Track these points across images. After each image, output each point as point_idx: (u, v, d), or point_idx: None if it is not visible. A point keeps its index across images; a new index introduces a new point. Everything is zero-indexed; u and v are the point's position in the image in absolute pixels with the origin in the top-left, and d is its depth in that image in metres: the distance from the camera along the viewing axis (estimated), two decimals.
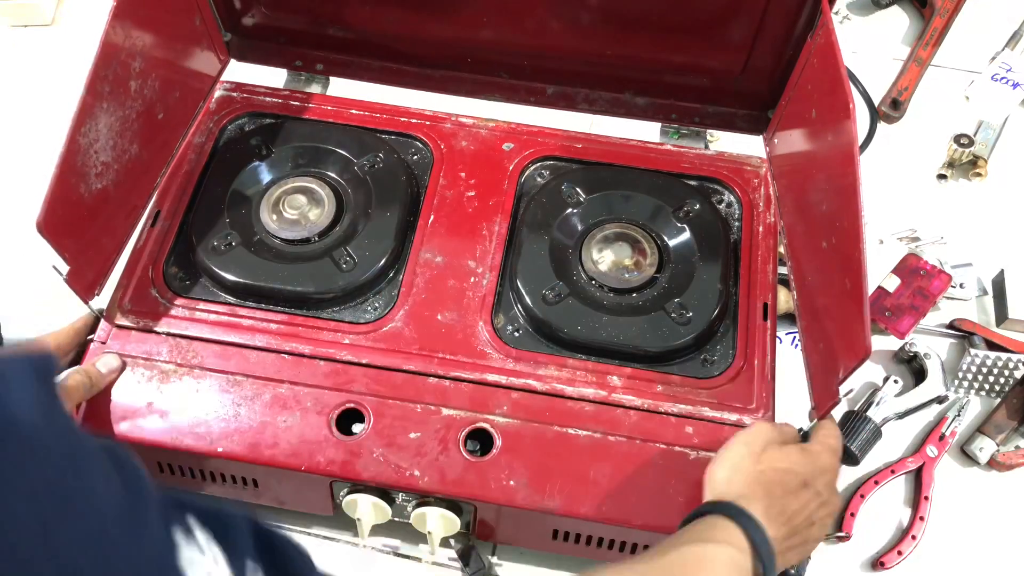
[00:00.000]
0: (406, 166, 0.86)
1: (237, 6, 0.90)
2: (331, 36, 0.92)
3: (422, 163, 0.88)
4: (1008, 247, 0.98)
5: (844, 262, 0.66)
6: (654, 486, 0.71)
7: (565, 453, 0.72)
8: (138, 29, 0.75)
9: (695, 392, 0.75)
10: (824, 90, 0.74)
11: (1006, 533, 0.83)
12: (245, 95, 0.91)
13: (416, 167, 0.87)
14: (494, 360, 0.76)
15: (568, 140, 0.89)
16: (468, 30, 0.88)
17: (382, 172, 0.85)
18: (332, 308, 0.78)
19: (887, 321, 0.87)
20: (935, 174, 1.04)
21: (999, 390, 0.88)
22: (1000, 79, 1.07)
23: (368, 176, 0.85)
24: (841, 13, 1.18)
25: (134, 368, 0.75)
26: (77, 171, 0.70)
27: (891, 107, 1.08)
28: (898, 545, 0.81)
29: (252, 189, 0.84)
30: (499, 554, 0.80)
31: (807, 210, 0.76)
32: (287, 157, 0.86)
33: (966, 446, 0.86)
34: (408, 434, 0.73)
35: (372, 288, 0.79)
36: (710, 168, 0.88)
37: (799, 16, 0.80)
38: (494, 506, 0.71)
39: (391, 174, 0.85)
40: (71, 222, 0.70)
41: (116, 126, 0.74)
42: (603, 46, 0.87)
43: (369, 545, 0.80)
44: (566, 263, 0.81)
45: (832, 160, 0.71)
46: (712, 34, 0.84)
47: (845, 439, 0.83)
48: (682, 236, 0.83)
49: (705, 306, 0.78)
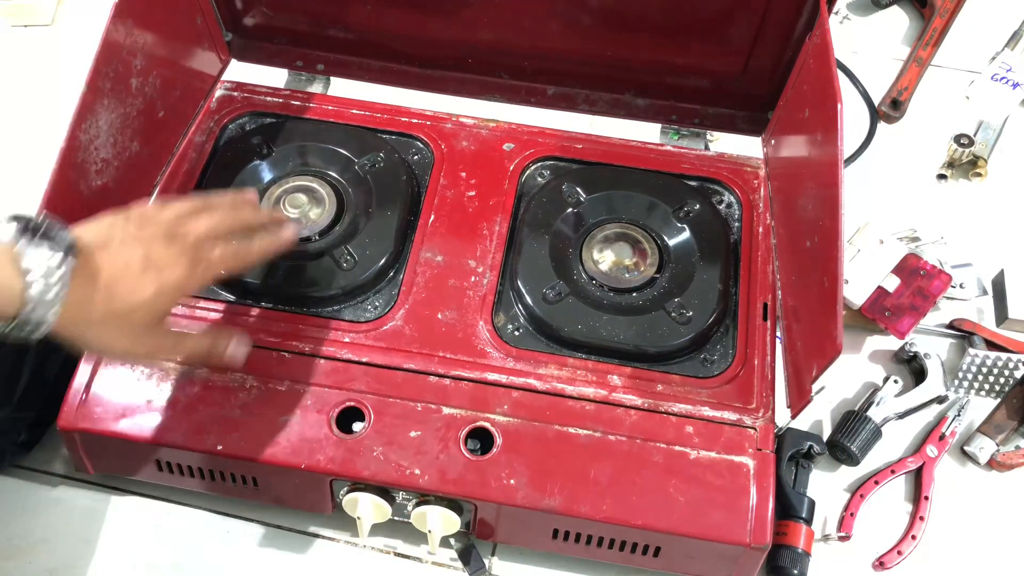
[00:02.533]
0: (407, 166, 0.86)
1: (238, 6, 0.90)
2: (332, 36, 0.92)
3: (423, 163, 0.88)
4: (1008, 247, 0.98)
5: (823, 261, 0.67)
6: (654, 486, 0.71)
7: (565, 452, 0.72)
8: (139, 27, 0.75)
9: (695, 392, 0.75)
10: (817, 90, 0.74)
11: (1006, 533, 0.82)
12: (246, 95, 0.91)
13: (417, 167, 0.87)
14: (494, 359, 0.76)
15: (568, 140, 0.89)
16: (469, 31, 0.88)
17: (383, 172, 0.85)
18: (332, 307, 0.78)
19: (887, 321, 0.87)
20: (935, 174, 1.05)
21: (999, 390, 0.88)
22: (1000, 79, 1.07)
23: (369, 176, 0.85)
24: (841, 13, 1.18)
25: (133, 366, 0.75)
26: (77, 167, 0.70)
27: (891, 107, 1.09)
28: (898, 545, 0.81)
29: (253, 188, 0.84)
30: (499, 554, 0.80)
31: (796, 210, 0.77)
32: (288, 156, 0.86)
33: (966, 446, 0.86)
34: (408, 433, 0.73)
35: (372, 287, 0.79)
36: (710, 169, 0.88)
37: (799, 17, 0.80)
38: (494, 505, 0.71)
39: (392, 174, 0.85)
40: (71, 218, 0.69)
41: (117, 123, 0.74)
42: (603, 47, 0.88)
43: (369, 544, 0.80)
44: (566, 263, 0.81)
45: (819, 157, 0.71)
46: (712, 35, 0.84)
47: (845, 439, 0.83)
48: (682, 236, 0.83)
49: (705, 306, 0.78)
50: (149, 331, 0.60)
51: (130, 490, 0.82)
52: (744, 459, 0.72)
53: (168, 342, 0.64)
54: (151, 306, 0.59)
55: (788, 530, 0.77)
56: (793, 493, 0.79)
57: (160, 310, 0.60)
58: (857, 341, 0.92)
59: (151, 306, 0.59)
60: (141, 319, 0.59)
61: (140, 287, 0.58)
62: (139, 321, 0.59)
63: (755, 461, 0.72)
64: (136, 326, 0.59)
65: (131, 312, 0.58)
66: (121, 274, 0.58)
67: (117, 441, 0.73)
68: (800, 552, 0.77)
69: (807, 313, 0.70)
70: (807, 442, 0.80)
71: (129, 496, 0.81)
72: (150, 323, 0.60)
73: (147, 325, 0.60)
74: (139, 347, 0.61)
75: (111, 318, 0.58)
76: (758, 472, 0.71)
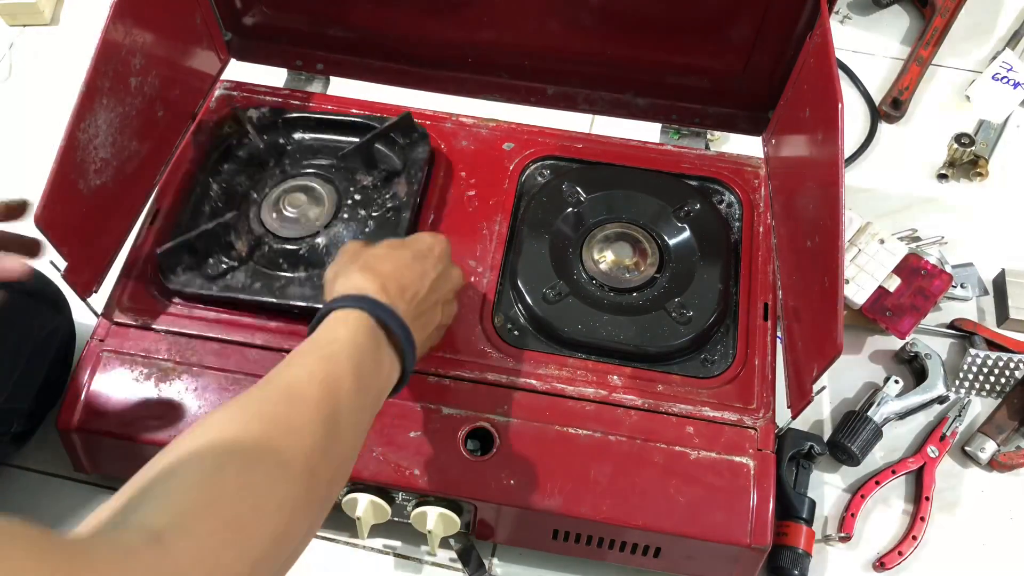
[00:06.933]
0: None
1: (238, 5, 0.90)
2: (331, 36, 0.92)
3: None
4: (1008, 247, 0.98)
5: (824, 261, 0.66)
6: (654, 486, 0.71)
7: (565, 453, 0.72)
8: (138, 27, 0.75)
9: (695, 392, 0.75)
10: (817, 89, 0.74)
11: (1007, 533, 0.82)
12: (245, 94, 0.91)
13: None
14: (494, 359, 0.76)
15: (568, 140, 0.89)
16: (469, 30, 0.88)
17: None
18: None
19: (888, 321, 0.87)
20: (935, 174, 1.04)
21: (1000, 390, 0.88)
22: (1001, 79, 1.07)
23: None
24: (841, 13, 1.18)
25: (133, 366, 0.75)
26: (76, 166, 0.70)
27: (892, 107, 1.08)
28: (899, 546, 0.80)
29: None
30: (499, 554, 0.80)
31: (796, 210, 0.76)
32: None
33: (967, 446, 0.85)
34: (408, 433, 0.72)
35: None
36: (710, 168, 0.88)
37: (799, 16, 0.80)
38: (494, 506, 0.71)
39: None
40: (70, 217, 0.69)
41: (116, 122, 0.74)
42: (604, 47, 0.87)
43: (369, 545, 0.80)
44: (566, 262, 0.81)
45: (819, 157, 0.71)
46: (713, 35, 0.84)
47: (846, 439, 0.83)
48: (682, 236, 0.83)
49: (705, 306, 0.78)
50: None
51: None
52: (744, 459, 0.72)
53: None
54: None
55: (789, 530, 0.77)
56: (794, 493, 0.79)
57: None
58: (858, 341, 0.92)
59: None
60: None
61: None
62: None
63: (755, 461, 0.72)
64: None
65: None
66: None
67: (116, 441, 0.73)
68: (801, 552, 0.77)
69: (808, 313, 0.70)
70: (808, 442, 0.80)
71: None
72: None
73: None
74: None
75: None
76: (758, 472, 0.71)
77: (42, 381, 0.78)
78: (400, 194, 0.83)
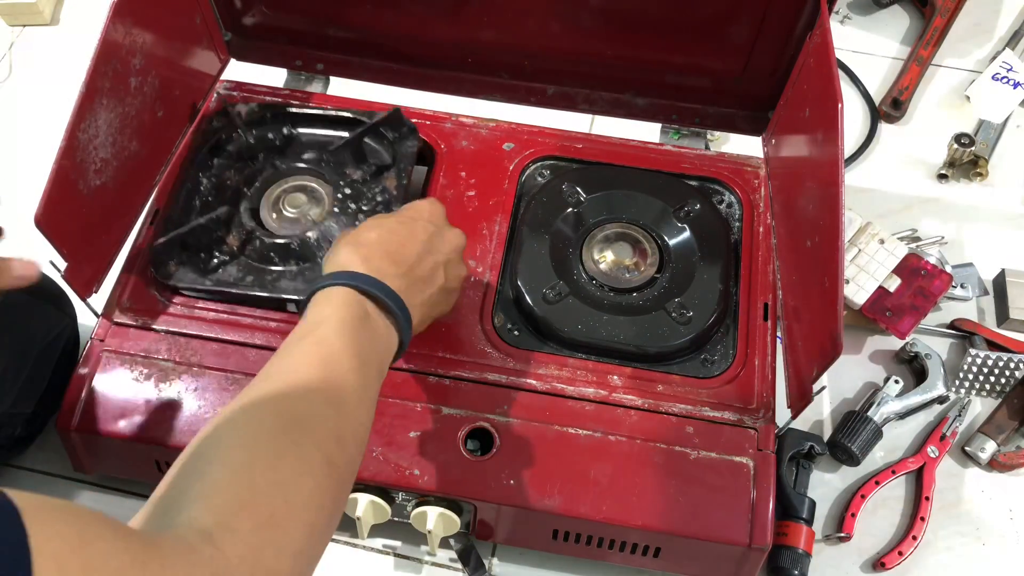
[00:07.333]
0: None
1: (238, 5, 0.90)
2: (331, 36, 0.92)
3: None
4: (1008, 247, 0.98)
5: (824, 261, 0.66)
6: (654, 486, 0.71)
7: (565, 453, 0.72)
8: (138, 27, 0.75)
9: (695, 392, 0.75)
10: (817, 89, 0.74)
11: (1007, 533, 0.82)
12: (245, 94, 0.91)
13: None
14: (494, 359, 0.76)
15: (568, 140, 0.89)
16: (469, 30, 0.88)
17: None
18: None
19: (888, 321, 0.87)
20: (935, 174, 1.04)
21: (1000, 390, 0.88)
22: (1001, 79, 1.07)
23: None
24: (841, 13, 1.18)
25: (133, 366, 0.75)
26: (76, 166, 0.70)
27: (892, 107, 1.08)
28: (899, 546, 0.80)
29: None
30: (499, 554, 0.80)
31: (796, 210, 0.76)
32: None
33: (967, 446, 0.85)
34: (408, 433, 0.72)
35: None
36: (710, 168, 0.88)
37: (799, 16, 0.80)
38: (494, 505, 0.71)
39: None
40: (70, 217, 0.69)
41: (116, 123, 0.74)
42: (604, 47, 0.87)
43: (369, 545, 0.80)
44: (566, 263, 0.81)
45: (819, 157, 0.71)
46: (713, 34, 0.84)
47: (846, 439, 0.83)
48: (682, 236, 0.83)
49: (705, 306, 0.78)
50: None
51: (129, 491, 0.82)
52: (744, 459, 0.72)
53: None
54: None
55: (789, 530, 0.77)
56: (794, 493, 0.79)
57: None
58: (858, 341, 0.92)
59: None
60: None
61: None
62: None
63: (755, 461, 0.72)
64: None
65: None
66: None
67: (116, 442, 0.73)
68: (801, 552, 0.77)
69: (808, 313, 0.70)
70: (808, 442, 0.80)
71: (128, 497, 0.81)
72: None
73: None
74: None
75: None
76: (758, 472, 0.71)
77: (46, 385, 0.78)
78: (390, 188, 0.83)
